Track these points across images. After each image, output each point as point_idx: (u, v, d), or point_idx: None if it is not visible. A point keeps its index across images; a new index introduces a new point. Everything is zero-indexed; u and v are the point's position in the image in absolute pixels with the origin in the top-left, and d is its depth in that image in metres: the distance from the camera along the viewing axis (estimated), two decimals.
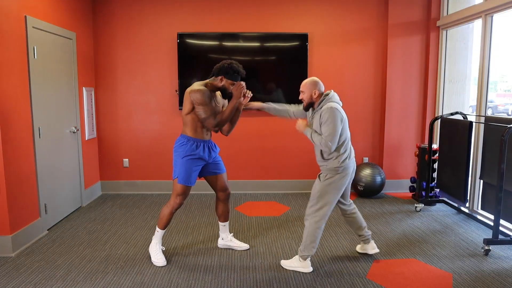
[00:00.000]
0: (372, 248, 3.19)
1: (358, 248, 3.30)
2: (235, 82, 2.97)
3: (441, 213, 4.36)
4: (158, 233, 3.13)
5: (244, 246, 3.37)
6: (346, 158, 2.86)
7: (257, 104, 3.13)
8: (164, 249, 3.26)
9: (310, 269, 2.96)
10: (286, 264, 3.03)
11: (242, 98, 2.98)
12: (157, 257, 3.09)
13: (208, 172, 3.16)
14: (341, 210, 3.14)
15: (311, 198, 2.94)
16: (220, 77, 2.95)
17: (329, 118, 2.74)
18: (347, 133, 2.89)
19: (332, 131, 2.74)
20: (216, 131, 3.08)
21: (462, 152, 3.96)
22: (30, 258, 3.18)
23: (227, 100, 3.15)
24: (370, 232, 3.20)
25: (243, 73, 2.98)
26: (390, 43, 4.97)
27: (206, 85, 2.99)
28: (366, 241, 3.19)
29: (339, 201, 3.10)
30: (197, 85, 2.94)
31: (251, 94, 3.04)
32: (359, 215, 3.15)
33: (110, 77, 5.03)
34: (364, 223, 3.16)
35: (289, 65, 5.03)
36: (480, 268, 3.01)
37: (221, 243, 3.41)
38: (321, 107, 2.82)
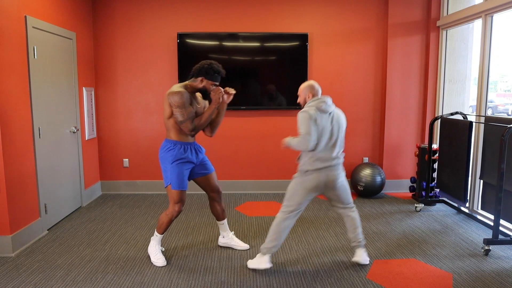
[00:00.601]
0: (358, 256, 3.06)
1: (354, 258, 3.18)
2: (217, 83, 2.94)
3: (441, 213, 4.36)
4: (157, 237, 3.13)
5: (244, 246, 3.37)
6: (311, 163, 2.79)
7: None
8: (163, 250, 3.26)
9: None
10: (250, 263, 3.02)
11: (222, 99, 2.94)
12: (157, 257, 3.09)
13: (196, 174, 3.13)
14: (339, 212, 3.08)
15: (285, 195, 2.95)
16: (200, 78, 2.90)
17: (299, 122, 2.77)
18: (320, 140, 2.77)
19: (305, 131, 2.72)
20: (192, 135, 2.99)
21: (462, 152, 3.96)
22: (30, 258, 3.18)
23: (208, 101, 3.10)
24: (360, 240, 3.07)
25: (223, 73, 2.94)
26: (390, 43, 4.97)
27: (185, 87, 2.93)
28: (355, 246, 3.10)
29: (335, 206, 3.05)
30: (176, 87, 2.88)
31: (234, 91, 3.01)
32: (354, 220, 3.04)
33: (110, 77, 5.03)
34: (356, 231, 3.04)
35: (289, 65, 5.03)
36: (480, 268, 3.01)
37: (222, 241, 3.41)
38: None
